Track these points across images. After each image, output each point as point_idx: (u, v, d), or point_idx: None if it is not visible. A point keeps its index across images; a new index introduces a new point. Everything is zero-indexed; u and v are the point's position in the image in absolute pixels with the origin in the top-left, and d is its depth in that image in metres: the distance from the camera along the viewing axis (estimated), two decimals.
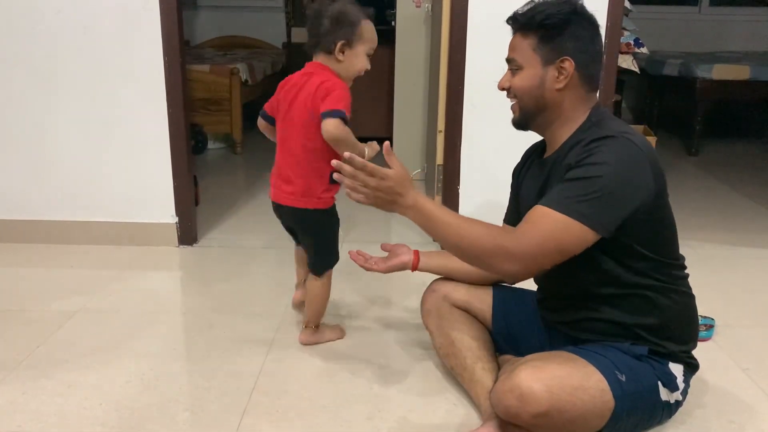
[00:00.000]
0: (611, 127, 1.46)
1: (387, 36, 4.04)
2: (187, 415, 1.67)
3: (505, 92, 1.58)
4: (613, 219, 1.39)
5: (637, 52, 3.31)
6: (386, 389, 1.79)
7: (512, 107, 1.58)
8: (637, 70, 3.36)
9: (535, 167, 1.64)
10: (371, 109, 4.74)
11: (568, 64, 1.47)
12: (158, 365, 1.91)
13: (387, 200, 1.43)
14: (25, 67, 2.71)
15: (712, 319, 2.09)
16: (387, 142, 1.46)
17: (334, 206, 1.94)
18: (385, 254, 1.79)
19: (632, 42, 3.26)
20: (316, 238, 1.95)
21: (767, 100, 4.93)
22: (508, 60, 1.55)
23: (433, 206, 1.46)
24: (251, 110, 5.16)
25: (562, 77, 1.48)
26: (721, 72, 4.57)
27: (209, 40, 6.02)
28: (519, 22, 1.52)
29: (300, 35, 5.68)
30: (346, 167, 1.41)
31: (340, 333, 2.09)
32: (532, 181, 1.63)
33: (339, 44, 1.80)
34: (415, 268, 1.79)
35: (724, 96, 4.70)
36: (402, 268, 1.76)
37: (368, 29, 1.84)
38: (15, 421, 1.63)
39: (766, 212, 3.45)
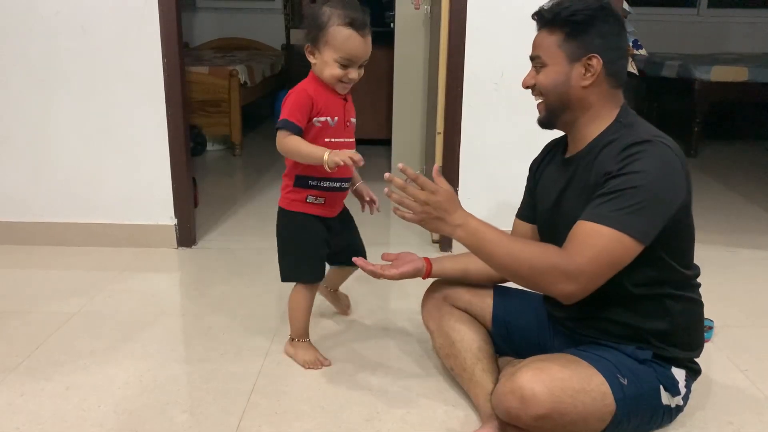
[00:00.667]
0: (645, 130, 1.45)
1: (386, 38, 4.05)
2: (186, 417, 1.67)
3: (529, 90, 1.56)
4: (656, 227, 1.38)
5: (636, 54, 3.31)
6: (385, 390, 1.79)
7: (538, 106, 1.56)
8: (636, 71, 3.36)
9: (556, 165, 1.62)
10: (370, 111, 4.74)
11: (596, 62, 1.45)
12: (157, 367, 1.90)
13: (435, 216, 1.43)
14: (23, 68, 2.71)
15: (711, 320, 2.09)
16: (437, 166, 1.47)
17: (298, 215, 1.83)
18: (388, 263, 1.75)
19: (631, 44, 3.27)
20: (277, 238, 1.89)
21: (765, 102, 4.94)
22: (532, 57, 1.53)
23: (483, 225, 1.45)
24: (250, 112, 5.18)
25: (589, 74, 1.47)
26: (719, 74, 4.58)
27: (208, 42, 6.03)
28: (544, 19, 1.49)
29: (299, 37, 5.69)
30: (397, 179, 1.41)
31: (315, 362, 1.90)
32: (553, 179, 1.61)
33: (306, 46, 1.74)
34: (428, 274, 1.74)
35: (722, 97, 4.70)
36: (415, 274, 1.71)
37: (340, 36, 1.67)
38: (13, 423, 1.63)
39: (764, 214, 3.45)
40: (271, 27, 6.07)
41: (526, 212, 1.76)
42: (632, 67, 3.28)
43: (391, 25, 3.97)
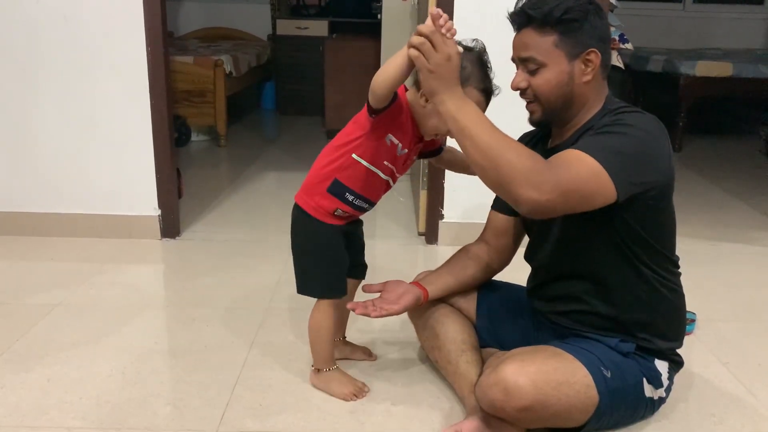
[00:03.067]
0: (633, 107, 1.47)
1: (373, 29, 4.03)
2: (169, 410, 1.65)
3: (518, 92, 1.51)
4: (634, 182, 1.36)
5: (622, 48, 3.32)
6: (370, 382, 1.78)
7: (529, 107, 1.52)
8: (621, 65, 3.37)
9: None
10: (357, 103, 4.69)
11: (594, 56, 1.44)
12: (140, 359, 1.89)
13: (439, 77, 1.33)
14: (4, 57, 2.67)
15: (694, 313, 2.11)
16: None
17: (324, 225, 1.63)
18: (374, 295, 1.70)
19: (617, 38, 3.27)
20: (291, 245, 1.71)
21: (749, 97, 4.98)
22: (522, 59, 1.47)
23: (476, 107, 1.36)
24: (235, 103, 5.15)
25: (589, 69, 1.45)
26: (704, 69, 4.60)
27: (193, 32, 5.97)
28: (532, 18, 1.43)
29: (285, 27, 5.65)
30: (424, 27, 1.34)
31: (358, 390, 1.71)
32: None
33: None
34: (426, 299, 1.70)
35: (707, 92, 4.73)
36: (415, 303, 1.68)
37: (471, 97, 1.42)
38: None
39: (747, 208, 3.48)
40: (258, 17, 6.03)
41: (503, 203, 1.72)
42: (618, 61, 3.29)
43: (379, 16, 3.96)
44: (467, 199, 2.76)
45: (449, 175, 2.77)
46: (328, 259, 1.67)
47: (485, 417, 1.49)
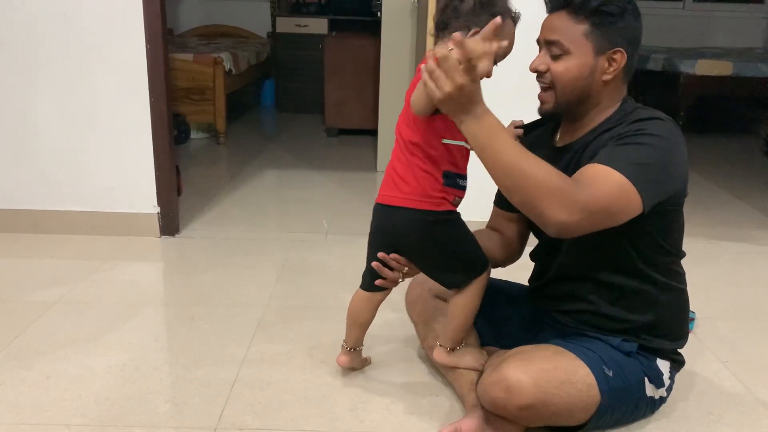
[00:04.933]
0: (652, 111, 1.43)
1: (373, 27, 4.03)
2: (168, 407, 1.65)
3: (535, 75, 1.45)
4: (658, 195, 1.35)
5: None
6: (369, 380, 1.78)
7: (542, 96, 1.47)
8: None
9: (544, 152, 1.51)
10: (357, 101, 4.73)
11: (620, 56, 1.41)
12: (139, 357, 1.89)
13: (461, 102, 1.24)
14: (4, 54, 2.66)
15: (693, 312, 2.10)
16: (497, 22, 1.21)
17: (453, 214, 1.56)
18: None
19: None
20: (436, 251, 1.58)
21: (749, 96, 4.98)
22: (549, 42, 1.42)
23: (500, 124, 1.30)
24: (235, 100, 5.14)
25: (611, 69, 1.42)
26: (704, 67, 4.61)
27: (193, 29, 5.96)
28: (569, 2, 1.39)
29: (285, 25, 5.65)
30: (439, 52, 1.22)
31: (483, 361, 1.66)
32: None
33: (473, 31, 1.38)
34: None
35: (707, 91, 4.74)
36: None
37: (509, 30, 1.41)
38: None
39: (747, 207, 3.48)
40: (257, 14, 6.02)
41: (503, 199, 1.69)
42: None
43: (378, 14, 3.95)
44: (468, 196, 2.75)
45: None
46: (472, 235, 1.60)
47: (485, 415, 1.49)
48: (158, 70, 2.67)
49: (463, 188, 1.56)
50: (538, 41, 1.47)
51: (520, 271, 1.78)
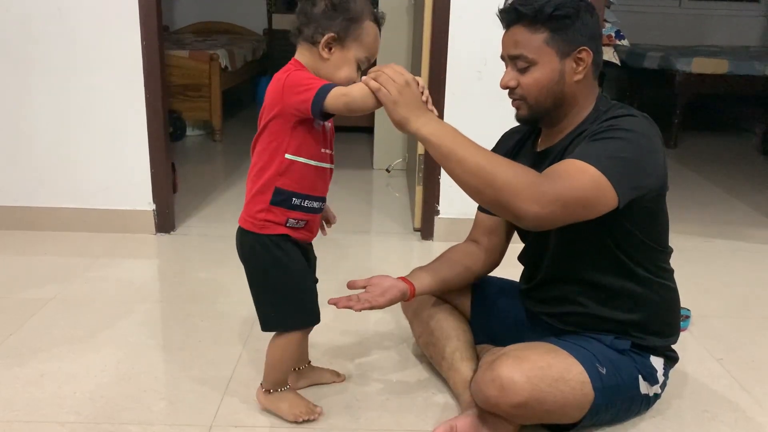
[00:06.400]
0: (626, 109, 1.45)
1: None
2: (164, 405, 1.65)
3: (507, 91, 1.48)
4: (634, 187, 1.35)
5: (618, 45, 3.32)
6: (365, 378, 1.78)
7: (516, 104, 1.50)
8: (618, 62, 3.37)
9: (526, 157, 1.57)
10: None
11: (586, 54, 1.43)
12: (134, 354, 1.88)
13: (409, 103, 1.31)
14: None
15: (688, 310, 2.11)
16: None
17: (278, 240, 1.47)
18: (357, 291, 1.60)
19: (613, 34, 3.28)
20: (248, 277, 1.56)
21: (745, 94, 4.99)
22: (512, 56, 1.45)
23: (454, 128, 1.34)
24: (231, 97, 5.13)
25: (580, 68, 1.43)
26: (700, 66, 4.61)
27: (189, 26, 5.95)
28: (522, 15, 1.41)
29: (281, 22, 5.64)
30: (377, 66, 1.33)
31: (309, 411, 1.57)
32: None
33: (330, 36, 1.40)
34: (413, 295, 1.62)
35: (703, 89, 4.75)
36: (401, 298, 1.60)
37: (372, 33, 1.44)
38: None
39: (742, 205, 3.49)
40: (253, 11, 6.01)
41: None
42: (614, 58, 3.30)
43: None
44: (463, 195, 2.75)
45: (444, 171, 2.76)
46: (294, 279, 1.49)
47: (480, 413, 1.49)
48: (154, 67, 2.67)
49: (302, 208, 1.46)
50: (503, 57, 1.49)
51: (514, 269, 1.78)
